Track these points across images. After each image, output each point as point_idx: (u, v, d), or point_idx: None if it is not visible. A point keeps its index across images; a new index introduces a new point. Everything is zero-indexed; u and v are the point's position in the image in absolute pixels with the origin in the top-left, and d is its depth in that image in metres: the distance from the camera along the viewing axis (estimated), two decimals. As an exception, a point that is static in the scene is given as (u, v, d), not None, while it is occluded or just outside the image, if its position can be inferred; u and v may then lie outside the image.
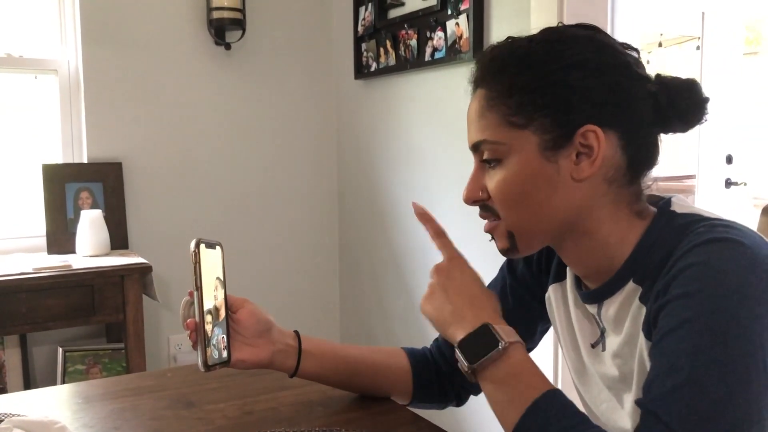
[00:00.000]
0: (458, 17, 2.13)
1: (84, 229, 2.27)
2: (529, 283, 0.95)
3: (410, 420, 0.96)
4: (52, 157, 2.50)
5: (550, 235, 0.79)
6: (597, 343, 0.81)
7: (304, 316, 2.92)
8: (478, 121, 0.78)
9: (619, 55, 0.75)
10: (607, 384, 0.81)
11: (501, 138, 0.75)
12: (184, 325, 0.87)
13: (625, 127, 0.74)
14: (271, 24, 2.79)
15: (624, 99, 0.74)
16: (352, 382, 1.02)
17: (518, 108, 0.74)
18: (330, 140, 2.98)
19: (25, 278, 2.00)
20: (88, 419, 0.96)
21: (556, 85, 0.73)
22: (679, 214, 0.75)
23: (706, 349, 0.62)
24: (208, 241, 0.85)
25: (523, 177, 0.75)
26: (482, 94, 0.78)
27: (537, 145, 0.74)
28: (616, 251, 0.76)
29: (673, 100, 0.74)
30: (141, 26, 2.55)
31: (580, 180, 0.74)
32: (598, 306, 0.79)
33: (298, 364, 0.96)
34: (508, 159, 0.76)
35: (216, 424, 0.94)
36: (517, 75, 0.75)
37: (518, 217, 0.77)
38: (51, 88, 2.50)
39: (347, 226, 2.97)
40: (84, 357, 2.35)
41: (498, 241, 0.81)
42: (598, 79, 0.73)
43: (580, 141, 0.73)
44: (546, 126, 0.74)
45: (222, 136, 2.74)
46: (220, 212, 2.74)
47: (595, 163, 0.73)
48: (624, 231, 0.76)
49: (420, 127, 2.44)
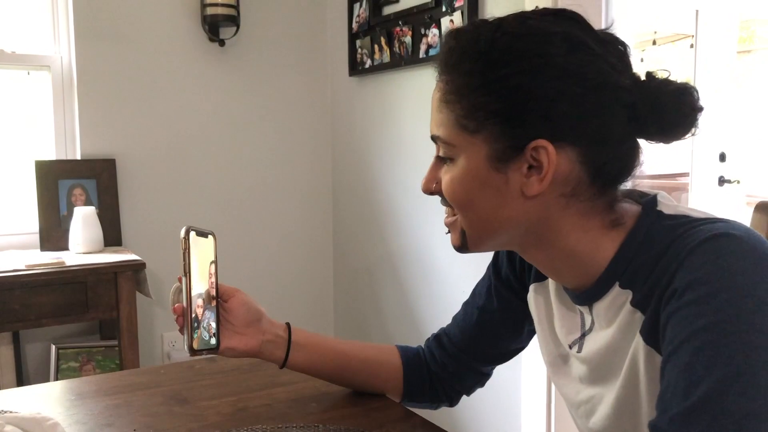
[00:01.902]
0: (453, 14, 2.13)
1: (77, 225, 2.26)
2: (512, 284, 0.93)
3: (403, 416, 0.96)
4: (45, 154, 2.49)
5: (504, 243, 0.76)
6: (574, 343, 0.79)
7: (299, 313, 2.91)
8: (437, 112, 0.74)
9: (595, 60, 0.67)
10: (584, 380, 0.79)
11: (452, 140, 0.71)
12: (173, 309, 0.88)
13: (588, 141, 0.67)
14: (266, 20, 2.79)
15: (589, 112, 0.67)
16: (342, 376, 1.02)
17: (470, 111, 0.69)
18: (324, 137, 2.98)
19: (17, 275, 2.00)
20: (81, 416, 0.96)
21: (513, 90, 0.67)
22: (666, 215, 0.70)
23: (724, 361, 0.57)
24: (200, 229, 0.87)
25: (471, 182, 0.71)
26: (441, 85, 0.73)
27: (486, 154, 0.69)
28: (589, 261, 0.72)
29: (655, 110, 0.67)
30: (134, 22, 2.54)
31: (529, 196, 0.69)
32: (589, 307, 0.76)
33: (287, 356, 0.96)
34: (458, 160, 0.72)
35: (209, 420, 0.94)
36: (473, 73, 0.69)
37: (467, 217, 0.74)
38: (44, 85, 2.49)
39: (341, 223, 2.97)
40: (77, 354, 2.34)
41: (452, 236, 0.78)
42: (561, 89, 0.66)
43: (531, 155, 0.68)
44: (496, 135, 0.68)
45: (216, 133, 2.73)
46: (213, 209, 2.74)
47: (544, 180, 0.68)
48: (596, 241, 0.71)
49: (414, 124, 2.44)
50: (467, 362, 0.99)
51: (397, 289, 2.59)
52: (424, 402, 1.03)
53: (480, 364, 0.99)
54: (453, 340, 0.99)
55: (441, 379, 1.00)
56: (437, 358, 1.00)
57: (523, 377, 2.00)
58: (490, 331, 0.96)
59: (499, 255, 0.96)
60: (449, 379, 1.00)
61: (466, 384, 1.01)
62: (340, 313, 3.03)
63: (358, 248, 2.85)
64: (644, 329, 0.67)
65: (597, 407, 0.77)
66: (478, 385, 1.03)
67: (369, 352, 1.03)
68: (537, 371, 1.95)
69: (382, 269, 2.68)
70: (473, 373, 1.00)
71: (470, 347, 0.98)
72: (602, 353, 0.74)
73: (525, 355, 1.99)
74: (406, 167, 2.49)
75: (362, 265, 2.83)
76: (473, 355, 0.98)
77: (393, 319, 2.63)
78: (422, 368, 1.01)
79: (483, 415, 2.18)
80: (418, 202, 2.44)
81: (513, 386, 2.04)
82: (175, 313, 0.87)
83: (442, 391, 1.01)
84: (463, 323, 0.99)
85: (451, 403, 1.04)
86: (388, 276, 2.64)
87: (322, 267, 3.02)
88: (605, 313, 0.73)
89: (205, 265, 0.88)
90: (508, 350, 0.99)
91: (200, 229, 0.87)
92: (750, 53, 4.21)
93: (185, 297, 0.84)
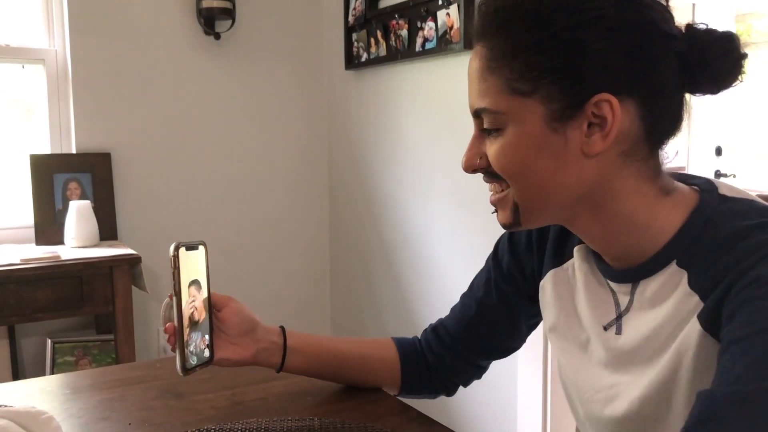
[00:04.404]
0: (449, 7, 2.12)
1: (72, 219, 2.26)
2: (515, 278, 0.92)
3: (399, 409, 0.96)
4: (39, 148, 2.48)
5: (558, 212, 0.72)
6: (611, 324, 0.75)
7: (295, 309, 2.91)
8: (478, 83, 0.70)
9: (644, 10, 0.65)
10: (618, 366, 0.75)
11: (502, 107, 0.68)
12: (164, 328, 0.86)
13: (646, 94, 0.66)
14: (261, 14, 2.77)
15: (645, 63, 0.65)
16: (339, 374, 1.02)
17: (523, 72, 0.66)
18: (320, 131, 2.97)
19: (13, 269, 1.99)
20: (75, 410, 0.96)
21: (568, 46, 0.64)
22: (730, 198, 0.68)
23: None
24: (189, 243, 0.84)
25: (525, 149, 0.68)
26: (483, 52, 0.69)
27: (543, 115, 0.66)
28: (646, 229, 0.69)
29: (705, 59, 0.66)
30: (129, 16, 2.52)
31: (591, 155, 0.67)
32: (633, 285, 0.72)
33: (283, 361, 0.96)
34: (508, 128, 0.68)
35: (205, 414, 0.94)
36: (522, 33, 0.66)
37: (522, 188, 0.70)
38: (38, 78, 2.48)
39: (338, 218, 2.97)
40: (73, 348, 2.34)
41: (501, 213, 0.74)
42: (616, 41, 0.64)
43: (592, 111, 0.65)
44: (553, 94, 0.65)
45: (211, 127, 2.72)
46: (209, 203, 2.73)
47: (608, 136, 0.65)
48: (652, 208, 0.69)
49: (411, 118, 2.43)
50: (464, 355, 0.99)
51: (394, 285, 2.59)
52: (422, 393, 1.03)
53: (477, 357, 0.99)
54: (450, 332, 0.99)
55: (438, 370, 1.00)
56: (434, 350, 1.00)
57: (519, 370, 2.00)
58: (488, 325, 0.96)
59: (499, 248, 0.95)
60: (446, 371, 1.00)
61: (463, 376, 1.02)
62: (336, 308, 3.02)
63: (354, 243, 2.85)
64: (703, 315, 0.65)
65: (622, 393, 0.74)
66: (475, 378, 1.03)
67: (365, 349, 1.03)
68: (533, 364, 1.95)
69: (379, 264, 2.68)
70: (470, 366, 1.00)
71: (468, 340, 0.98)
72: (646, 336, 0.71)
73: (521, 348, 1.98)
74: (403, 161, 2.49)
75: (358, 260, 2.83)
76: (470, 348, 0.98)
77: (389, 315, 2.63)
78: (419, 360, 1.01)
79: (479, 407, 2.18)
80: (415, 196, 2.44)
81: (509, 379, 2.04)
82: (167, 333, 0.85)
83: (439, 382, 1.01)
84: (461, 315, 0.98)
85: (448, 393, 1.04)
86: (384, 271, 2.64)
87: (318, 261, 3.01)
88: (654, 293, 0.70)
89: (194, 279, 0.85)
90: (505, 345, 0.99)
91: (190, 243, 0.84)
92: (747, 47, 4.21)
93: (176, 316, 0.82)
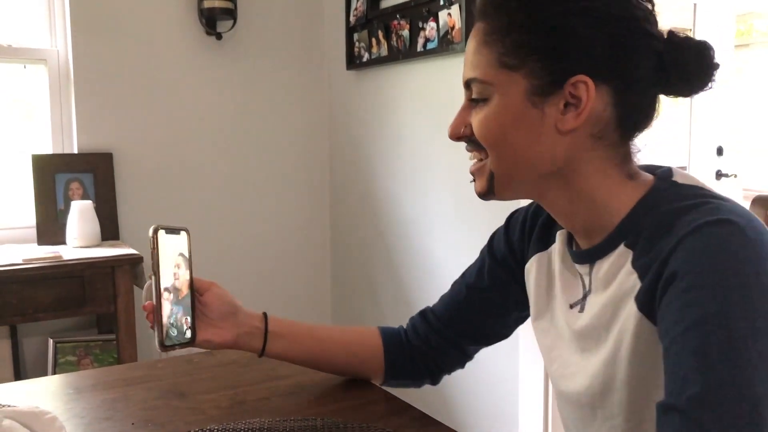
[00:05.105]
0: (450, 7, 2.12)
1: (74, 219, 2.26)
2: (509, 265, 0.95)
3: (401, 409, 0.96)
4: (41, 148, 2.48)
5: (530, 184, 0.77)
6: (576, 304, 0.80)
7: (296, 307, 2.92)
8: (473, 56, 0.76)
9: (630, 7, 0.72)
10: (578, 344, 0.80)
11: (490, 78, 0.74)
12: (143, 306, 0.89)
13: (620, 83, 0.72)
14: (263, 14, 2.78)
15: (624, 55, 0.71)
16: (321, 361, 1.03)
17: (513, 48, 0.72)
18: (322, 130, 2.97)
19: (15, 269, 1.99)
20: (79, 410, 0.96)
21: (556, 29, 0.71)
22: (681, 185, 0.73)
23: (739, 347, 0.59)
24: (170, 226, 0.88)
25: (505, 118, 0.74)
26: (481, 28, 0.75)
27: (525, 89, 0.72)
28: (604, 209, 0.75)
29: (679, 62, 0.72)
30: (131, 16, 2.53)
31: (564, 132, 0.72)
32: (590, 266, 0.78)
33: (264, 346, 0.98)
34: (493, 99, 0.74)
35: (207, 414, 0.94)
36: (517, 12, 0.72)
37: (498, 156, 0.75)
38: (40, 78, 2.48)
39: (339, 217, 2.97)
40: (75, 348, 2.34)
41: (477, 183, 0.79)
42: (600, 30, 0.70)
43: (569, 91, 0.71)
44: (537, 70, 0.71)
45: (213, 127, 2.72)
46: (211, 203, 2.73)
47: (581, 115, 0.71)
48: (614, 190, 0.74)
49: (412, 118, 2.43)
50: (450, 337, 1.00)
51: (394, 282, 2.59)
52: (406, 379, 1.04)
53: (463, 340, 1.01)
54: (438, 315, 1.01)
55: (423, 353, 1.02)
56: (420, 333, 1.02)
57: (521, 370, 2.00)
58: (477, 309, 0.98)
59: (494, 238, 0.98)
60: (431, 354, 1.02)
61: (447, 360, 1.03)
62: (336, 306, 3.03)
63: (355, 241, 2.85)
64: (639, 296, 0.69)
65: (579, 371, 0.79)
66: (459, 366, 1.04)
67: (348, 335, 1.05)
68: (534, 364, 1.95)
69: (379, 262, 2.68)
70: (455, 351, 1.02)
71: (455, 323, 1.00)
72: (597, 315, 0.75)
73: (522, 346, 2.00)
74: (403, 161, 2.49)
75: (359, 258, 2.83)
76: (457, 331, 1.00)
77: (390, 312, 2.64)
78: (403, 345, 1.03)
79: (481, 408, 2.19)
80: (415, 195, 2.44)
81: (511, 379, 2.04)
82: (146, 310, 0.89)
83: (423, 366, 1.02)
84: (449, 299, 1.01)
85: (433, 380, 1.05)
86: (385, 269, 2.64)
87: (320, 259, 3.02)
88: (605, 274, 0.75)
89: (174, 259, 0.89)
90: (492, 331, 1.01)
91: (171, 227, 0.88)
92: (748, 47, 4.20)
93: (155, 293, 0.85)
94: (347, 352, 1.03)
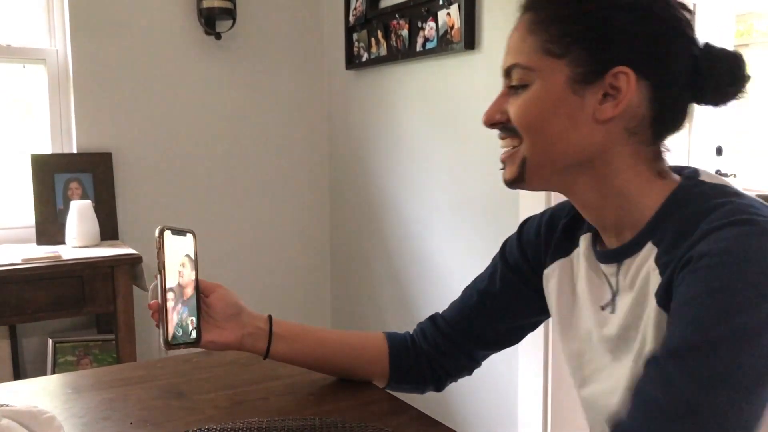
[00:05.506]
0: (449, 7, 2.12)
1: (73, 219, 2.26)
2: (522, 271, 0.95)
3: (400, 409, 0.96)
4: (41, 148, 2.48)
5: (561, 174, 0.78)
6: (607, 305, 0.80)
7: (296, 308, 2.92)
8: (516, 43, 0.78)
9: (672, 9, 0.74)
10: (609, 347, 0.79)
11: (534, 64, 0.75)
12: (149, 305, 0.90)
13: (658, 80, 0.73)
14: (262, 13, 2.78)
15: (664, 53, 0.73)
16: (325, 363, 1.03)
17: (558, 36, 0.74)
18: (321, 130, 2.97)
19: (14, 269, 1.99)
20: (77, 409, 0.96)
21: (602, 21, 0.73)
22: (708, 184, 0.74)
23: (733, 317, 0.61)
24: (176, 228, 0.89)
25: (545, 103, 0.75)
26: (527, 17, 0.77)
27: (567, 76, 0.74)
28: (634, 206, 0.76)
29: (714, 68, 0.73)
30: (130, 16, 2.53)
31: (601, 121, 0.74)
32: (618, 266, 0.78)
33: (268, 347, 0.98)
34: (534, 85, 0.75)
35: (206, 413, 0.94)
36: (565, 3, 0.75)
37: (534, 142, 0.76)
38: (39, 78, 2.48)
39: (338, 217, 2.97)
40: (74, 348, 2.34)
41: (508, 170, 0.80)
42: (643, 27, 0.72)
43: (610, 82, 0.73)
44: (580, 59, 0.73)
45: (212, 127, 2.72)
46: (210, 202, 2.73)
47: (619, 105, 0.72)
48: (644, 186, 0.75)
49: (411, 118, 2.43)
50: (460, 343, 1.00)
51: (394, 283, 2.59)
52: (410, 384, 1.04)
53: (473, 346, 1.01)
54: (448, 320, 1.01)
55: (431, 358, 1.01)
56: (429, 337, 1.02)
57: (521, 370, 2.00)
58: (488, 314, 0.98)
59: (507, 245, 0.98)
60: (439, 359, 1.01)
61: (455, 366, 1.03)
62: (336, 306, 3.03)
63: (355, 242, 2.85)
64: (659, 291, 0.70)
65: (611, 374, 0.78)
66: (466, 372, 1.04)
67: (352, 339, 1.05)
68: (534, 364, 1.95)
69: (379, 262, 2.68)
70: (464, 356, 1.01)
71: (465, 328, 0.99)
72: (625, 317, 0.76)
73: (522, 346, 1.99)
74: (403, 160, 2.49)
75: (359, 258, 2.83)
76: (467, 337, 1.00)
77: (390, 313, 2.63)
78: (409, 349, 1.02)
79: (480, 408, 2.19)
80: (415, 194, 2.44)
81: (510, 379, 2.04)
82: (151, 309, 0.90)
83: (429, 372, 1.02)
84: (460, 305, 1.01)
85: (438, 387, 1.04)
86: (384, 269, 2.64)
87: (319, 260, 3.02)
88: (633, 273, 0.75)
89: (179, 259, 0.89)
90: (502, 337, 1.00)
91: (177, 228, 0.89)
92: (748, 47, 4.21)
93: (160, 293, 0.85)
94: (352, 355, 1.03)
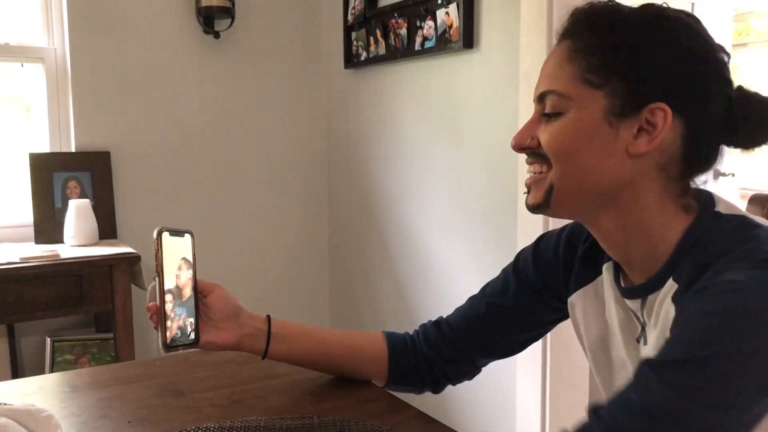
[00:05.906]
0: (448, 6, 2.12)
1: (72, 218, 2.26)
2: (536, 287, 0.95)
3: (398, 408, 0.96)
4: (39, 146, 2.48)
5: (586, 205, 0.78)
6: (640, 337, 0.80)
7: (294, 306, 2.91)
8: (553, 70, 0.77)
9: (711, 50, 0.74)
10: None
11: (571, 92, 0.75)
12: (147, 307, 0.90)
13: (693, 119, 0.73)
14: (261, 12, 2.77)
15: (701, 92, 0.73)
16: (324, 363, 1.03)
17: (598, 67, 0.74)
18: (320, 129, 2.97)
19: (12, 268, 1.99)
20: (75, 408, 0.96)
21: (642, 56, 0.73)
22: (724, 216, 0.74)
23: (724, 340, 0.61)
24: (174, 229, 0.88)
25: (580, 133, 0.75)
26: (566, 45, 0.77)
27: (604, 108, 0.73)
28: (658, 242, 0.75)
29: (748, 112, 0.74)
30: (129, 14, 2.52)
31: (633, 155, 0.73)
32: (642, 301, 0.78)
33: (267, 347, 0.98)
34: (569, 113, 0.75)
35: (204, 412, 0.94)
36: (607, 34, 0.74)
37: (564, 170, 0.76)
38: (38, 77, 2.48)
39: (337, 216, 2.97)
40: (72, 347, 2.34)
41: (533, 195, 0.79)
42: (683, 65, 0.72)
43: (646, 116, 0.72)
44: (618, 91, 0.73)
45: (211, 126, 2.72)
46: (208, 201, 2.73)
47: (653, 141, 0.72)
48: (668, 222, 0.75)
49: (410, 117, 2.43)
50: (463, 350, 1.00)
51: (392, 282, 2.59)
52: (409, 385, 1.04)
53: (476, 353, 1.00)
54: (453, 327, 1.01)
55: (432, 362, 1.01)
56: (431, 341, 1.01)
57: (519, 370, 2.00)
58: (496, 327, 0.98)
59: (520, 259, 0.98)
60: (441, 363, 1.01)
61: (457, 372, 1.03)
62: (335, 306, 3.03)
63: (353, 241, 2.85)
64: (672, 327, 0.69)
65: None
66: (467, 377, 1.04)
67: (352, 338, 1.05)
68: (532, 364, 1.95)
69: (377, 262, 2.68)
70: (466, 363, 1.01)
71: (470, 336, 0.99)
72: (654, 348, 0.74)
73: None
74: (401, 159, 2.49)
75: (357, 258, 2.83)
76: (472, 343, 0.99)
77: (388, 312, 2.63)
78: (408, 351, 1.02)
79: (478, 407, 2.19)
80: (414, 194, 2.44)
81: (508, 379, 2.04)
82: (149, 311, 0.90)
83: (428, 374, 1.02)
84: (467, 313, 1.00)
85: (436, 389, 1.04)
86: (383, 269, 2.64)
87: (318, 259, 3.01)
88: (657, 309, 0.75)
89: (177, 260, 0.89)
90: (507, 348, 1.01)
91: (174, 229, 0.88)
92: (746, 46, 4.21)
93: (158, 294, 0.85)
94: (350, 355, 1.03)
